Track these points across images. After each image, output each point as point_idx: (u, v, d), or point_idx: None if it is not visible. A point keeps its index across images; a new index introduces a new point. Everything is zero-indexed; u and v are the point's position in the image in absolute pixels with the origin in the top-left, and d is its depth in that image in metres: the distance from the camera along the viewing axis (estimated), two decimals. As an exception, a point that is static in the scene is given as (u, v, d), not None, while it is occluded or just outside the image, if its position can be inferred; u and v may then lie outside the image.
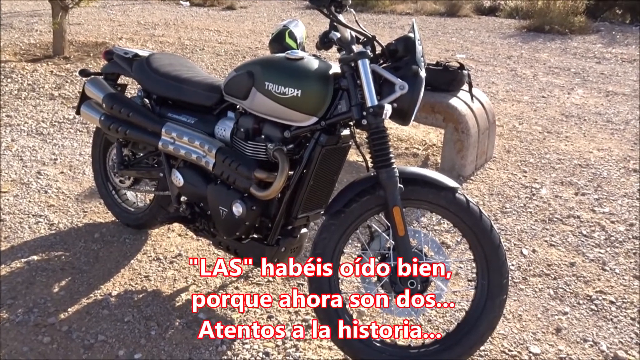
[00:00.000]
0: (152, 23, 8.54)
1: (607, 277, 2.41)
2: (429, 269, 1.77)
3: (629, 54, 7.16)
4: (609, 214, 2.95)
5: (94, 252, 2.52)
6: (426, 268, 1.77)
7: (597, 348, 1.98)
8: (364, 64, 1.73)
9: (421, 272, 1.75)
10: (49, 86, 4.93)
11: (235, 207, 1.95)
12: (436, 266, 1.78)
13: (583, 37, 8.29)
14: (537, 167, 3.58)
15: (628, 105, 4.99)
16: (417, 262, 1.75)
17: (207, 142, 2.05)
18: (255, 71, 1.91)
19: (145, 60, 2.31)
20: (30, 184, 3.15)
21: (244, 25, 8.75)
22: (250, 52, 6.69)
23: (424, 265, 1.76)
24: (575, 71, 6.27)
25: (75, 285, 2.28)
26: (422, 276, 1.76)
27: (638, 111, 4.81)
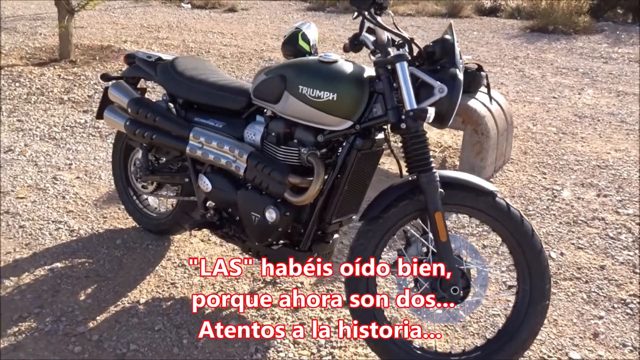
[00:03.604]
0: (155, 25, 8.50)
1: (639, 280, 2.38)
2: (470, 275, 1.74)
3: (635, 54, 7.15)
4: (633, 216, 2.93)
5: (118, 258, 2.48)
6: (467, 275, 1.74)
7: (638, 353, 1.96)
8: (402, 67, 1.70)
9: (464, 279, 1.73)
10: (58, 90, 4.89)
11: (269, 212, 1.92)
12: (478, 272, 1.76)
13: (588, 37, 8.28)
14: (556, 168, 3.56)
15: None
16: (460, 268, 1.72)
17: (237, 146, 2.02)
18: (287, 75, 1.88)
19: (170, 64, 2.28)
20: (47, 189, 3.11)
21: (247, 28, 8.71)
22: (255, 54, 6.66)
23: (465, 272, 1.74)
24: (584, 71, 6.25)
25: (102, 293, 2.24)
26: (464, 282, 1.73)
27: (650, 111, 4.79)
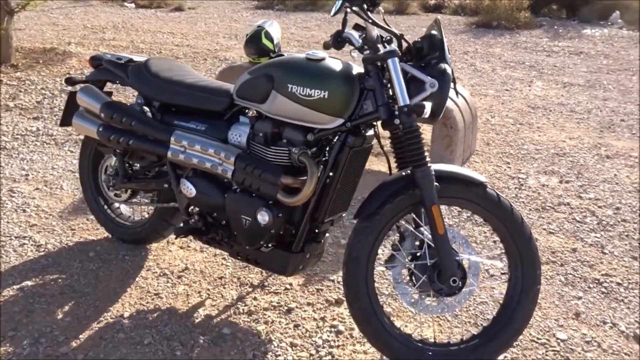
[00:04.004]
0: (99, 26, 8.16)
1: (608, 260, 2.51)
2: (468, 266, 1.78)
3: (574, 47, 7.54)
4: (595, 200, 3.08)
5: (93, 272, 2.36)
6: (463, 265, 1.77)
7: (617, 329, 2.06)
8: (394, 63, 1.71)
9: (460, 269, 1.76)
10: (2, 97, 4.60)
11: (261, 215, 1.88)
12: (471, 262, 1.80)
13: (529, 31, 8.64)
14: (518, 158, 3.69)
15: (586, 96, 5.25)
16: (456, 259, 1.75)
17: (223, 149, 1.97)
18: (274, 74, 1.85)
19: (144, 66, 2.19)
20: (5, 203, 2.92)
21: (197, 27, 8.53)
22: (210, 54, 6.53)
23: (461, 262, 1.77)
24: (530, 64, 6.53)
25: (81, 310, 2.12)
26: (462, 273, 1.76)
27: (596, 101, 5.07)
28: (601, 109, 4.81)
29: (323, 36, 8.30)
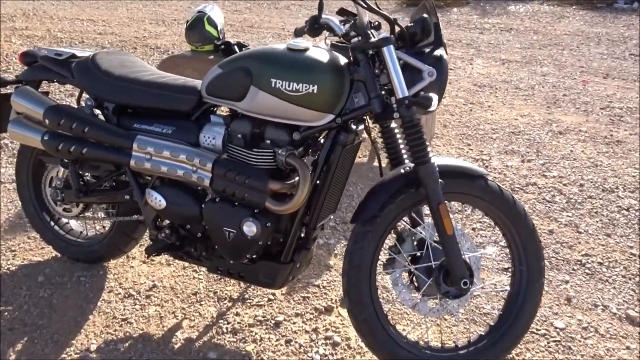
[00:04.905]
0: (6, 14, 7.36)
1: (585, 239, 2.53)
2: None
3: (504, 24, 7.73)
4: (559, 177, 3.12)
5: (46, 299, 2.06)
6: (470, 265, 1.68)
7: (609, 311, 2.06)
8: (389, 51, 1.56)
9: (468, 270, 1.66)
10: None
11: (247, 226, 1.68)
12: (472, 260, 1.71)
13: (459, 9, 8.78)
14: (477, 139, 3.69)
15: (525, 72, 5.37)
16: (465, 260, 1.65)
17: (197, 154, 1.74)
18: (252, 67, 1.64)
19: (91, 62, 1.90)
20: None
21: (119, 13, 7.92)
22: (139, 42, 6.06)
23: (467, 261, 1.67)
24: (467, 42, 6.61)
25: (38, 347, 1.84)
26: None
27: (537, 77, 5.19)
28: (543, 85, 4.93)
29: (256, 19, 7.98)
